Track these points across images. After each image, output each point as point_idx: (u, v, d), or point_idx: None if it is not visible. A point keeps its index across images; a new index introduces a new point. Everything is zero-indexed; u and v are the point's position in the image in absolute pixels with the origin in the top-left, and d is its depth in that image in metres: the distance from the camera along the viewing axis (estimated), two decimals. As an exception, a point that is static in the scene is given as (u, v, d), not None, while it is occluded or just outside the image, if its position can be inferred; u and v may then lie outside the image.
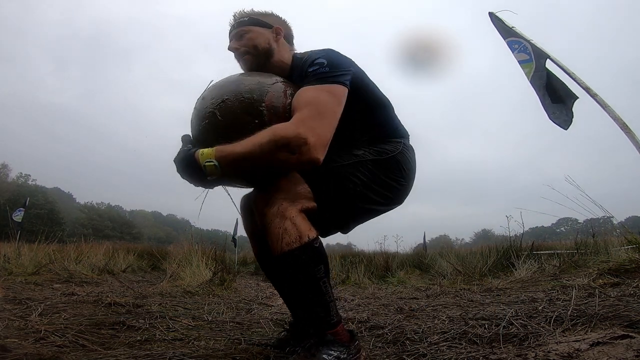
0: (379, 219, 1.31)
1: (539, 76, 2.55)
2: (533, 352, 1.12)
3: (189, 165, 1.05)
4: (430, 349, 1.26)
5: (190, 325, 1.74)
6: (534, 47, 2.57)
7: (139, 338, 1.40)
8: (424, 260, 5.95)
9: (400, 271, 5.37)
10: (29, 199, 9.15)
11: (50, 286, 2.96)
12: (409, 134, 1.35)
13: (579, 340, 1.15)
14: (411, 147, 1.32)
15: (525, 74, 2.63)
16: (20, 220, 7.32)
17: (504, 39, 2.77)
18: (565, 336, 1.26)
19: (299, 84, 1.17)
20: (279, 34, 1.30)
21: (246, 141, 1.01)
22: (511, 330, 1.39)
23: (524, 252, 4.23)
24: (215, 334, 1.57)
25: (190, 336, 1.51)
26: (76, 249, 5.25)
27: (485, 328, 1.48)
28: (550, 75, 2.53)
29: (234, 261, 6.84)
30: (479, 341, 1.33)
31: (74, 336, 1.32)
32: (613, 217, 3.73)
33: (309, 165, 1.04)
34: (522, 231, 4.85)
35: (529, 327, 1.40)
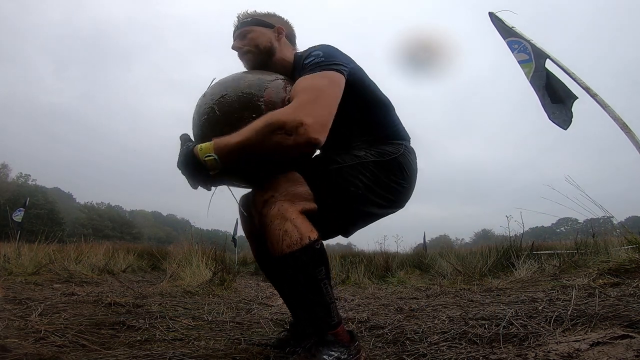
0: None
1: (538, 76, 2.56)
2: (533, 352, 1.12)
3: (189, 163, 1.02)
4: (430, 349, 1.26)
5: (190, 325, 1.74)
6: (533, 47, 2.57)
7: (139, 338, 1.40)
8: (424, 260, 5.95)
9: (400, 271, 5.37)
10: (29, 199, 9.14)
11: (50, 286, 2.96)
12: (410, 136, 1.34)
13: (579, 340, 1.15)
14: (412, 150, 1.31)
15: (525, 74, 2.64)
16: (20, 220, 7.31)
17: (504, 39, 2.78)
18: (565, 336, 1.26)
19: None
20: (281, 33, 1.32)
21: (242, 130, 1.00)
22: (511, 330, 1.39)
23: (524, 252, 4.23)
24: (215, 334, 1.57)
25: (190, 336, 1.50)
26: (76, 249, 5.25)
27: (485, 328, 1.48)
28: (549, 75, 2.54)
29: (234, 261, 6.84)
30: (479, 341, 1.33)
31: (74, 336, 1.32)
32: (613, 217, 3.73)
33: (308, 148, 1.02)
34: (522, 231, 4.86)
35: (529, 327, 1.40)
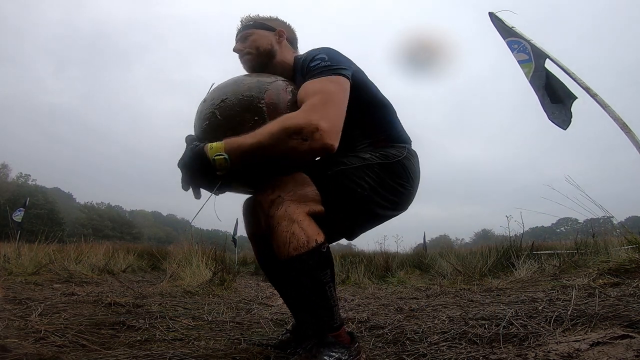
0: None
1: (538, 76, 2.56)
2: (533, 352, 1.12)
3: (197, 162, 0.99)
4: (430, 349, 1.26)
5: (190, 325, 1.74)
6: (533, 47, 2.57)
7: (139, 338, 1.40)
8: (424, 260, 5.95)
9: (400, 271, 5.37)
10: (29, 199, 9.14)
11: (50, 286, 2.96)
12: (411, 139, 1.34)
13: (579, 340, 1.15)
14: (415, 153, 1.31)
15: (525, 74, 2.64)
16: (20, 220, 7.31)
17: (504, 39, 2.78)
18: (565, 336, 1.26)
19: (301, 84, 1.17)
20: (282, 36, 1.33)
21: (255, 132, 0.99)
22: (511, 330, 1.39)
23: (524, 252, 4.23)
24: (215, 334, 1.57)
25: (190, 336, 1.50)
26: (76, 249, 5.25)
27: (485, 328, 1.48)
28: (549, 76, 2.54)
29: (234, 261, 6.84)
30: (479, 341, 1.33)
31: (74, 336, 1.32)
32: (613, 217, 3.73)
33: (322, 153, 1.01)
34: (522, 231, 4.86)
35: (529, 327, 1.40)
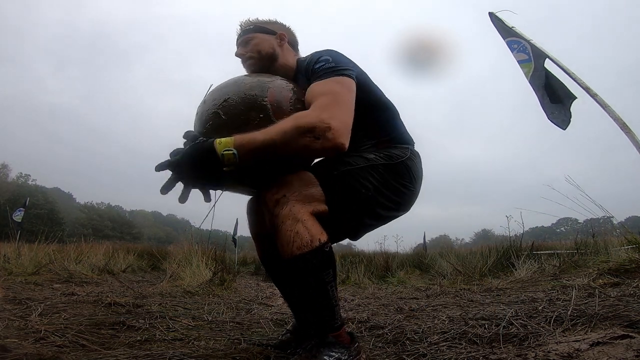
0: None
1: (537, 76, 2.56)
2: (533, 352, 1.12)
3: (203, 156, 0.98)
4: (430, 349, 1.26)
5: (190, 325, 1.74)
6: (533, 47, 2.57)
7: (139, 338, 1.40)
8: (424, 260, 5.95)
9: (400, 271, 5.37)
10: (29, 199, 9.14)
11: (50, 286, 2.96)
12: (414, 140, 1.35)
13: (579, 340, 1.15)
14: (418, 154, 1.32)
15: (525, 73, 2.64)
16: (20, 220, 7.32)
17: (504, 39, 2.78)
18: (565, 336, 1.26)
19: (304, 86, 1.18)
20: (283, 39, 1.34)
21: (267, 129, 0.99)
22: (511, 330, 1.39)
23: (524, 252, 4.23)
24: (215, 334, 1.57)
25: (190, 336, 1.50)
26: (76, 249, 5.25)
27: (485, 328, 1.48)
28: (549, 75, 2.54)
29: (234, 261, 6.84)
30: (479, 341, 1.32)
31: (74, 336, 1.32)
32: (613, 217, 3.74)
33: (334, 152, 1.02)
34: (522, 231, 4.87)
35: (529, 327, 1.40)
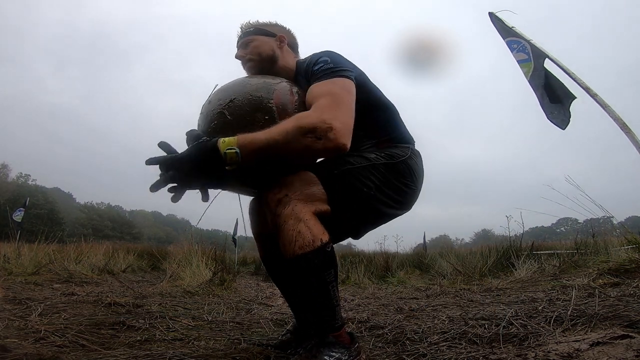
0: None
1: (537, 76, 2.56)
2: (533, 352, 1.12)
3: (206, 154, 0.98)
4: (430, 349, 1.26)
5: (190, 325, 1.74)
6: (532, 47, 2.57)
7: (139, 338, 1.40)
8: (424, 260, 5.95)
9: (400, 271, 5.37)
10: (29, 199, 9.14)
11: (50, 286, 2.96)
12: (414, 140, 1.35)
13: (579, 340, 1.15)
14: (418, 153, 1.32)
15: (524, 73, 2.64)
16: (20, 220, 7.32)
17: (504, 39, 2.78)
18: (565, 336, 1.26)
19: (304, 87, 1.19)
20: (283, 41, 1.35)
21: (269, 130, 1.00)
22: (511, 330, 1.39)
23: (524, 252, 4.23)
24: (215, 334, 1.57)
25: (190, 336, 1.50)
26: (76, 249, 5.25)
27: (485, 328, 1.48)
28: (548, 75, 2.54)
29: (234, 261, 6.84)
30: (479, 341, 1.33)
31: (74, 336, 1.32)
32: (613, 217, 3.73)
33: (335, 152, 1.03)
34: (522, 231, 4.87)
35: (529, 327, 1.40)
